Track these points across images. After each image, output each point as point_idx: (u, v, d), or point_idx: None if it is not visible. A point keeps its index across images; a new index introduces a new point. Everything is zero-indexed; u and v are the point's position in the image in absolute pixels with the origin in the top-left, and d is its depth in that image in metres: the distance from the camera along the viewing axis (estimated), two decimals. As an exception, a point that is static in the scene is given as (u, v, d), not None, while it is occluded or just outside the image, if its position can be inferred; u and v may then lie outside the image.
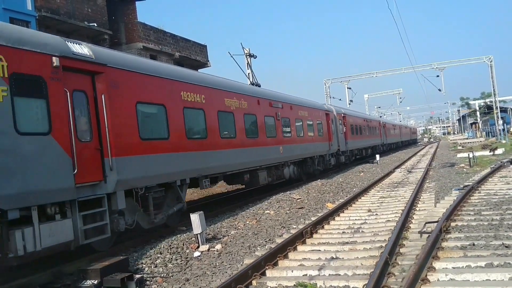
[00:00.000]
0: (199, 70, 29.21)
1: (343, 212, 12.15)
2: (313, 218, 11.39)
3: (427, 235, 8.07)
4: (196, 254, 9.11)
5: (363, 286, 5.92)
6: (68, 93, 8.20)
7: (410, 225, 9.56)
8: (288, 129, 19.78)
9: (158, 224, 10.92)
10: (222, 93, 14.36)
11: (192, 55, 32.84)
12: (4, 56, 7.08)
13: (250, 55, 25.44)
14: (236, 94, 15.26)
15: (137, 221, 10.06)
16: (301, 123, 21.50)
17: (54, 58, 7.96)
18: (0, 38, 7.10)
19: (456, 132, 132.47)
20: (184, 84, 12.14)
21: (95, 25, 24.14)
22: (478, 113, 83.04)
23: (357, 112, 41.11)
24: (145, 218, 10.52)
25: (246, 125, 15.69)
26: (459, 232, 8.56)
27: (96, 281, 7.10)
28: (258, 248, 9.12)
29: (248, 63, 25.19)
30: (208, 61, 35.10)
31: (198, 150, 12.36)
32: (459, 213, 10.28)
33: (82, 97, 8.73)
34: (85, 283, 7.18)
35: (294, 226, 10.96)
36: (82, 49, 8.93)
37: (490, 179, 16.11)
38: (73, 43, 8.89)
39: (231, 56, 21.98)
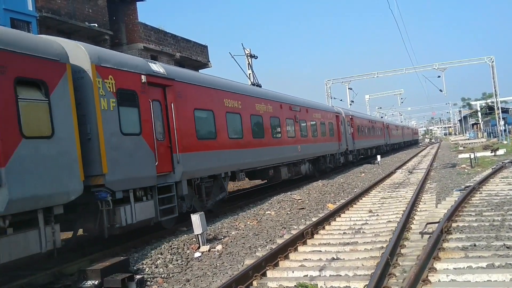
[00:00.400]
0: (200, 71, 29.22)
1: (344, 213, 12.14)
2: (314, 219, 11.37)
3: (428, 235, 8.05)
4: (197, 254, 9.10)
5: (364, 286, 5.90)
6: (150, 103, 10.55)
7: (411, 225, 9.54)
8: (305, 130, 22.04)
9: (208, 208, 13.10)
10: (254, 99, 16.83)
11: (193, 55, 32.85)
12: (113, 76, 9.52)
13: (251, 56, 25.42)
14: (263, 100, 17.71)
15: (193, 205, 12.17)
16: (315, 124, 23.78)
17: (142, 76, 10.36)
18: (109, 62, 9.55)
19: (457, 133, 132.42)
20: (226, 92, 14.60)
21: (96, 25, 24.16)
22: (479, 113, 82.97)
23: (363, 114, 44.78)
24: (198, 203, 12.64)
25: (272, 126, 18.09)
26: (460, 232, 8.54)
27: (97, 281, 7.10)
28: (259, 248, 9.11)
29: (249, 63, 25.18)
30: (209, 61, 35.11)
31: (236, 148, 14.80)
32: (460, 213, 10.27)
33: (158, 106, 11.07)
34: (86, 283, 7.17)
35: (295, 227, 10.95)
36: (158, 67, 11.36)
37: (491, 179, 16.08)
38: (152, 63, 11.37)
39: (232, 57, 21.97)
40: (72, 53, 8.78)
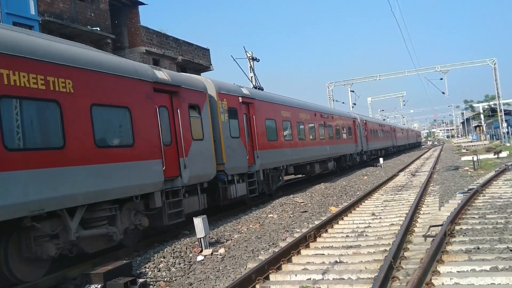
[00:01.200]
0: (201, 74, 29.25)
1: (347, 216, 12.11)
2: (316, 222, 11.35)
3: (431, 238, 8.03)
4: (199, 258, 9.09)
5: (367, 290, 5.88)
6: (243, 116, 15.49)
7: (414, 228, 9.51)
8: (331, 133, 26.58)
9: (272, 192, 17.56)
10: (298, 109, 21.54)
11: (195, 58, 32.90)
12: (226, 99, 14.30)
13: (253, 59, 25.44)
14: (304, 110, 22.48)
15: (263, 188, 16.64)
16: (338, 128, 28.27)
17: (239, 98, 15.29)
18: (224, 90, 14.33)
19: (460, 135, 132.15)
20: (282, 106, 19.67)
21: (98, 29, 24.22)
22: (482, 116, 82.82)
23: (375, 119, 52.31)
24: (266, 187, 17.10)
25: (310, 131, 22.82)
26: (463, 235, 8.51)
27: (100, 285, 7.09)
28: (262, 252, 9.09)
29: (250, 66, 25.20)
30: (211, 64, 35.17)
31: (289, 148, 19.66)
32: (463, 216, 10.23)
33: (245, 117, 15.78)
34: (89, 287, 7.16)
35: (298, 230, 10.93)
36: (246, 91, 16.17)
37: (494, 182, 16.04)
38: (243, 88, 16.20)
39: (234, 60, 22.02)
40: (207, 86, 13.43)
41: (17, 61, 7.30)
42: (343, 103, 57.55)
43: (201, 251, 9.50)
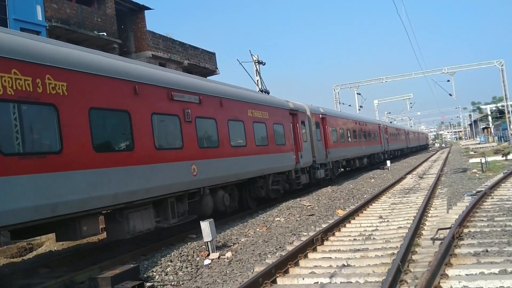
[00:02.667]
0: (208, 78, 29.30)
1: (354, 219, 12.06)
2: (323, 225, 11.32)
3: (439, 241, 7.98)
4: (207, 262, 9.08)
5: (375, 294, 5.86)
6: (321, 127, 23.14)
7: (422, 231, 9.46)
8: (366, 137, 34.50)
9: (333, 177, 24.96)
10: (350, 120, 30.86)
11: (201, 62, 32.98)
12: (313, 117, 22.15)
13: (259, 62, 25.48)
14: (352, 120, 31.72)
15: (328, 173, 23.67)
16: (370, 133, 36.12)
17: (320, 115, 23.28)
18: (312, 111, 22.54)
19: (467, 137, 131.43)
20: (342, 118, 29.19)
21: (105, 34, 24.34)
22: (489, 117, 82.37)
23: (393, 124, 60.69)
24: (331, 174, 24.24)
25: (356, 135, 31.78)
26: (472, 238, 8.45)
27: (107, 289, 7.11)
28: (269, 255, 9.07)
29: (256, 70, 25.23)
30: (217, 68, 35.22)
31: (345, 147, 27.85)
32: (471, 219, 10.16)
33: (319, 126, 22.89)
34: (96, 291, 7.19)
35: (305, 233, 10.90)
36: (322, 109, 24.33)
37: (503, 184, 15.93)
38: (319, 107, 24.27)
39: (240, 63, 22.08)
40: (306, 109, 21.59)
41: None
42: (350, 105, 57.45)
43: (208, 254, 9.49)
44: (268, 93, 21.48)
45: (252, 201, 16.07)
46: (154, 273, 8.48)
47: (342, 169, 28.91)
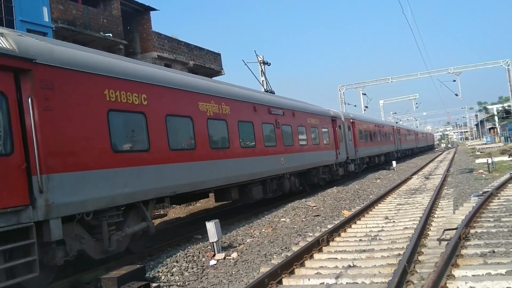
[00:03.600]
0: (213, 78, 29.32)
1: (360, 220, 12.03)
2: (329, 226, 11.30)
3: (446, 242, 7.94)
4: (212, 262, 9.09)
5: (381, 294, 5.85)
6: (350, 128, 28.05)
7: (428, 232, 9.43)
8: (384, 137, 39.75)
9: (359, 171, 29.33)
10: (379, 125, 38.48)
11: (206, 63, 33.02)
12: (346, 121, 27.21)
13: (264, 63, 25.48)
14: (379, 125, 38.26)
15: (357, 167, 28.15)
16: (386, 134, 41.38)
17: (350, 120, 28.52)
18: (345, 116, 28.03)
19: (474, 137, 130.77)
20: (371, 123, 35.56)
21: (111, 35, 24.43)
22: (496, 117, 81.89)
23: (405, 126, 65.98)
24: (358, 168, 28.81)
25: (376, 136, 36.40)
26: (478, 239, 8.41)
27: (113, 289, 7.13)
28: (274, 256, 9.07)
29: (262, 70, 25.23)
30: (222, 69, 35.25)
31: (373, 146, 34.42)
32: (478, 219, 10.11)
33: (350, 128, 27.94)
34: (102, 291, 7.21)
35: (310, 234, 10.89)
36: (352, 115, 30.47)
37: (509, 184, 15.83)
38: (350, 113, 30.85)
39: (245, 64, 22.12)
40: (341, 115, 27.08)
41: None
42: (355, 106, 57.34)
43: (214, 255, 9.50)
44: (273, 93, 21.46)
45: (308, 186, 20.96)
46: (160, 274, 8.50)
47: (366, 165, 32.81)
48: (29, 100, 7.19)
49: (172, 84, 11.12)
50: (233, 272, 8.24)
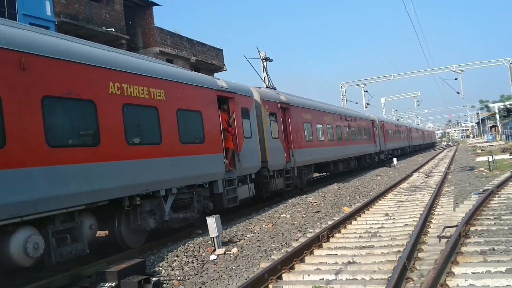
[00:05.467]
0: (215, 74, 29.32)
1: (360, 216, 12.06)
2: (329, 222, 11.33)
3: (446, 239, 7.97)
4: (212, 257, 9.12)
5: (381, 291, 5.87)
6: (381, 128, 37.82)
7: (428, 229, 9.44)
8: (398, 136, 47.27)
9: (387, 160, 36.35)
10: (398, 126, 49.31)
11: (208, 59, 33.01)
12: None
13: (266, 59, 25.43)
14: (397, 125, 48.94)
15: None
16: (402, 133, 49.85)
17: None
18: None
19: (475, 136, 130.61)
20: (390, 123, 45.64)
21: (113, 30, 24.43)
22: (497, 116, 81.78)
23: (416, 125, 78.07)
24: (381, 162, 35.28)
25: (398, 134, 46.81)
26: (478, 236, 8.43)
27: (114, 283, 7.15)
28: (274, 251, 9.10)
29: (264, 66, 25.20)
30: (224, 65, 35.25)
31: (396, 141, 45.94)
32: (478, 217, 10.13)
33: (382, 129, 38.32)
34: (103, 285, 7.23)
35: (311, 230, 10.91)
36: (380, 118, 40.48)
37: (510, 183, 15.84)
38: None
39: (247, 60, 22.02)
40: (376, 118, 36.83)
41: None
42: (356, 103, 57.33)
43: (214, 250, 9.53)
44: (275, 89, 21.44)
45: (360, 167, 30.06)
46: (160, 268, 8.53)
47: (390, 155, 38.55)
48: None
49: None
50: (233, 267, 8.27)
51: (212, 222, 9.58)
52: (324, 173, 26.80)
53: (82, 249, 8.18)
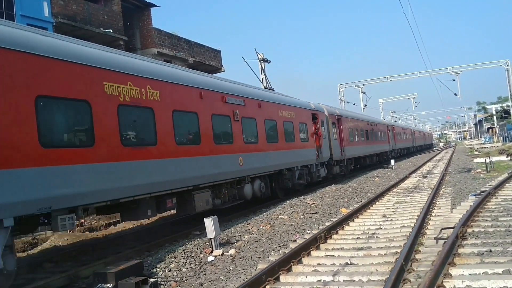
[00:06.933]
0: (213, 75, 29.27)
1: (358, 218, 12.07)
2: (327, 223, 11.34)
3: (443, 241, 7.98)
4: (210, 258, 9.12)
5: (378, 292, 5.88)
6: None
7: (425, 231, 9.46)
8: (410, 136, 58.09)
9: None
10: (402, 128, 56.23)
11: (206, 60, 33.01)
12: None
13: (264, 60, 25.47)
14: (402, 128, 56.15)
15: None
16: (407, 134, 56.92)
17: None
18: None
19: (472, 137, 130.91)
20: (397, 127, 51.77)
21: (111, 31, 24.40)
22: (494, 117, 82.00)
23: (419, 128, 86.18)
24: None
25: (400, 135, 52.61)
26: (475, 238, 8.44)
27: (111, 284, 7.15)
28: (272, 253, 9.10)
29: (261, 68, 25.23)
30: (222, 66, 35.24)
31: (402, 143, 52.27)
32: (475, 219, 10.15)
33: (392, 131, 45.61)
34: (101, 286, 7.23)
35: (308, 231, 10.92)
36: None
37: (507, 184, 15.87)
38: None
39: (245, 61, 22.08)
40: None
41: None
42: (354, 104, 57.41)
43: (212, 251, 9.53)
44: (273, 90, 21.48)
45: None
46: (158, 269, 8.53)
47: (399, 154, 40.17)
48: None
49: None
50: (231, 269, 8.27)
51: (209, 223, 9.58)
52: (357, 165, 31.99)
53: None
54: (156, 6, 29.10)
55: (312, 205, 15.21)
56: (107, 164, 8.73)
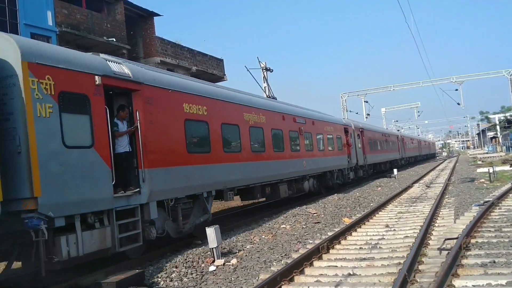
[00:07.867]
0: (216, 83, 29.32)
1: (360, 227, 12.00)
2: (329, 233, 11.27)
3: (446, 252, 7.92)
4: (212, 268, 9.06)
5: (381, 303, 5.82)
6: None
7: (429, 241, 9.40)
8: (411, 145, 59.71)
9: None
10: (410, 139, 60.58)
11: (209, 69, 33.12)
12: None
13: (267, 69, 25.52)
14: (410, 138, 61.21)
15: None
16: (412, 143, 60.57)
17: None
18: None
19: (475, 147, 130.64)
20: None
21: (114, 40, 24.53)
22: (498, 127, 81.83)
23: (428, 139, 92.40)
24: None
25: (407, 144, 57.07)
26: (479, 249, 8.38)
27: (112, 294, 7.11)
28: (274, 263, 9.04)
29: (264, 76, 25.27)
30: (225, 74, 35.35)
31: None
32: (479, 229, 10.08)
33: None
34: (101, 296, 7.19)
35: (311, 241, 10.85)
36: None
37: (510, 194, 15.79)
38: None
39: (248, 70, 22.16)
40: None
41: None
42: (357, 113, 57.40)
43: (213, 261, 9.47)
44: (276, 99, 21.49)
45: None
46: (159, 279, 8.48)
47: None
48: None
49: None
50: (232, 279, 8.22)
51: (211, 232, 9.54)
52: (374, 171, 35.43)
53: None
54: (160, 15, 29.28)
55: (314, 214, 15.14)
56: (245, 163, 14.10)
